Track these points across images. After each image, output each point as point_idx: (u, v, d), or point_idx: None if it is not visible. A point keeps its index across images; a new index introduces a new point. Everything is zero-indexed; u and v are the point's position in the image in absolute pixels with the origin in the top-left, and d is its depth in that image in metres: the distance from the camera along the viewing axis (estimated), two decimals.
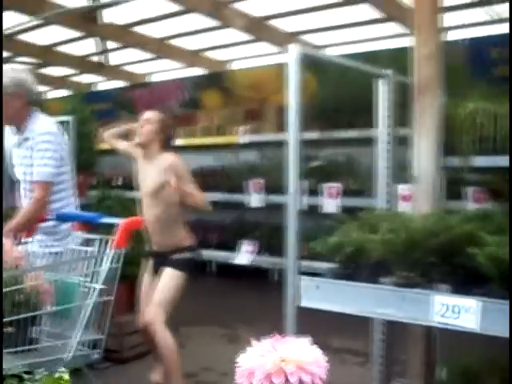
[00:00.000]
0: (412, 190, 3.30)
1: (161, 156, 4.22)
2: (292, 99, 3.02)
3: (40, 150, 3.62)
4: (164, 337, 4.02)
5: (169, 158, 4.19)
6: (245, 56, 11.32)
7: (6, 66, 3.82)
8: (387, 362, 3.68)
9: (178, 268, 4.15)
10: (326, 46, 9.92)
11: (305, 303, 2.85)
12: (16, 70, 3.75)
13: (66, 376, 1.13)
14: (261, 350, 0.81)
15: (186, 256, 4.22)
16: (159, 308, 4.07)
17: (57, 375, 1.16)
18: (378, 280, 2.64)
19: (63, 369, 1.21)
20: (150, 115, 4.31)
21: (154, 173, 4.16)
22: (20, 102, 3.68)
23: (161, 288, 4.15)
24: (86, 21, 9.78)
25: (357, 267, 2.75)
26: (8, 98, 3.65)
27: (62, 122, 4.00)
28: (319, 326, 4.00)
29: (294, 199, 3.01)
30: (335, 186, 6.53)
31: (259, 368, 0.81)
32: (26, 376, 1.29)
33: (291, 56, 3.00)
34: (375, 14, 8.17)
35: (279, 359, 0.79)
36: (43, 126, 3.71)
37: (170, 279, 4.15)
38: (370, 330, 3.70)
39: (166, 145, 4.31)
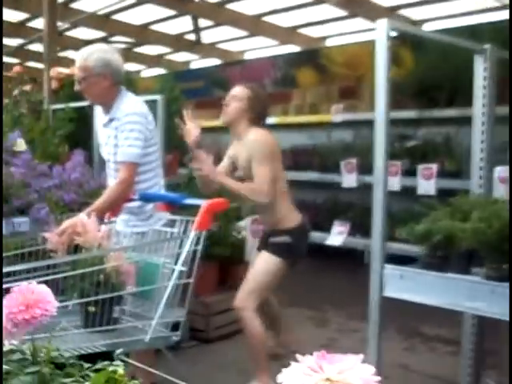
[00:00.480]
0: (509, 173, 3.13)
1: (250, 132, 4.02)
2: (380, 76, 2.90)
3: (125, 130, 3.61)
4: (252, 325, 3.91)
5: (252, 135, 3.99)
6: (340, 32, 11.16)
7: (92, 46, 3.82)
8: (478, 355, 3.53)
9: (274, 253, 3.99)
10: (424, 21, 9.64)
11: (388, 293, 2.74)
12: (102, 50, 3.74)
13: (121, 370, 1.08)
14: (305, 369, 0.73)
15: (286, 240, 4.01)
16: (250, 294, 3.94)
17: (111, 368, 1.11)
18: (466, 271, 2.50)
19: (119, 362, 1.15)
20: (236, 91, 4.14)
21: (244, 151, 4.02)
22: (106, 82, 3.69)
23: (254, 273, 4.04)
24: None
25: (444, 257, 2.61)
26: (94, 78, 3.66)
27: (150, 101, 3.97)
28: (408, 311, 3.90)
29: (381, 181, 2.91)
30: (431, 167, 6.34)
31: None
32: (86, 365, 1.24)
33: (380, 31, 2.88)
34: None
35: (325, 380, 0.71)
36: (130, 106, 3.70)
37: (264, 264, 4.01)
38: (460, 319, 3.56)
39: (256, 122, 4.09)
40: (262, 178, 3.86)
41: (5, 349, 1.32)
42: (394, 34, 2.94)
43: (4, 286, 2.49)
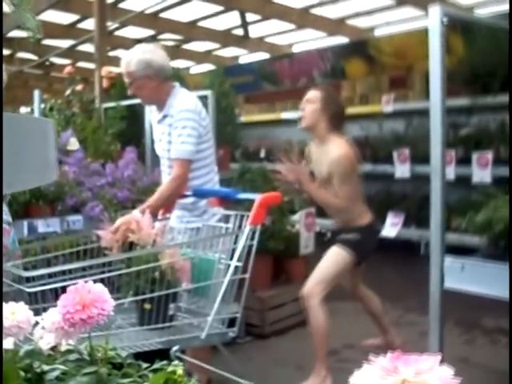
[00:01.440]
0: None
1: (331, 141, 4.04)
2: (435, 63, 2.83)
3: (178, 127, 3.60)
4: (316, 315, 3.95)
5: (337, 148, 4.00)
6: (388, 22, 11.03)
7: (133, 50, 3.80)
8: None
9: (344, 248, 4.06)
10: (473, 7, 9.47)
11: (449, 284, 2.67)
12: (142, 51, 3.72)
13: (180, 370, 1.06)
14: (380, 371, 0.68)
15: (356, 237, 4.08)
16: (318, 284, 4.00)
17: (170, 369, 1.08)
18: None
19: (177, 362, 1.13)
20: (310, 95, 4.14)
21: (325, 161, 4.05)
22: (152, 82, 3.68)
23: (323, 264, 4.08)
24: None
25: (506, 247, 2.53)
26: (139, 81, 3.67)
27: (201, 97, 3.96)
28: (467, 303, 3.81)
29: (438, 171, 2.84)
30: (486, 155, 6.21)
31: None
32: (144, 365, 1.22)
33: (433, 18, 2.81)
34: None
35: (401, 382, 0.66)
36: (182, 102, 3.68)
37: (334, 256, 4.08)
38: None
39: (336, 126, 4.10)
40: (346, 197, 4.01)
41: (62, 349, 1.31)
42: (446, 20, 2.86)
43: (60, 284, 2.50)
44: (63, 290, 1.29)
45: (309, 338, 4.01)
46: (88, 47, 11.82)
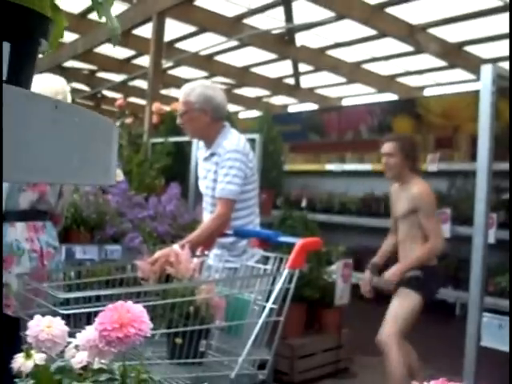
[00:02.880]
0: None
1: (412, 181, 4.25)
2: (484, 124, 2.82)
3: (225, 166, 3.61)
4: (395, 360, 3.99)
5: (418, 186, 4.21)
6: (438, 82, 11.06)
7: (197, 82, 3.87)
8: None
9: (411, 287, 4.11)
10: None
11: (486, 343, 2.62)
12: (205, 86, 3.77)
13: None
14: None
15: (417, 274, 4.15)
16: (393, 328, 4.04)
17: None
18: None
19: None
20: (388, 149, 4.33)
21: (404, 199, 4.26)
22: (206, 118, 3.70)
23: (394, 307, 4.14)
24: (282, 43, 9.96)
25: None
26: (195, 113, 3.69)
27: (248, 140, 3.99)
28: (503, 364, 3.73)
29: (481, 233, 2.81)
30: None
31: None
32: None
33: (485, 77, 2.81)
34: None
35: None
36: (232, 142, 3.70)
37: (403, 298, 4.13)
38: None
39: (415, 167, 4.33)
40: (435, 231, 4.18)
41: (95, 366, 1.31)
42: (494, 80, 2.85)
43: (94, 309, 2.50)
44: (96, 315, 1.29)
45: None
46: (140, 83, 12.04)
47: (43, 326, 1.32)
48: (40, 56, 0.72)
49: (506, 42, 8.54)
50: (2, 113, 0.50)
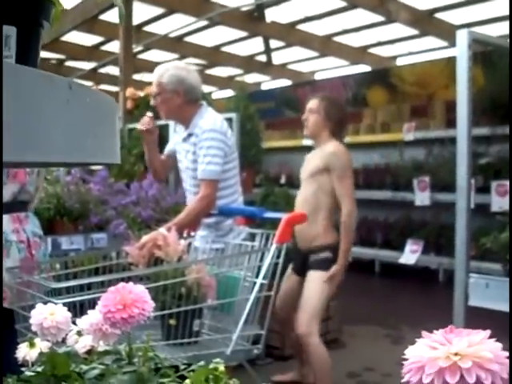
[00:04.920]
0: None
1: (329, 143, 4.02)
2: (462, 89, 2.85)
3: (203, 147, 3.61)
4: (317, 351, 3.83)
5: (333, 146, 3.98)
6: (411, 51, 11.10)
7: (170, 63, 3.87)
8: None
9: (323, 269, 3.88)
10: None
11: (474, 302, 2.68)
12: (178, 67, 3.77)
13: (222, 367, 1.08)
14: (432, 343, 0.70)
15: (329, 256, 3.90)
16: (312, 319, 3.84)
17: (212, 366, 1.10)
18: None
19: (218, 359, 1.15)
20: (311, 104, 4.14)
21: (317, 158, 4.04)
22: (178, 99, 3.70)
23: (309, 295, 3.90)
24: (252, 20, 9.93)
25: None
26: (167, 94, 3.69)
27: (226, 119, 3.98)
28: (491, 326, 3.80)
29: (464, 197, 2.85)
30: (505, 184, 6.21)
31: (430, 362, 0.70)
32: (182, 366, 1.24)
33: (461, 42, 2.84)
34: None
35: (453, 354, 0.68)
36: (208, 122, 3.70)
37: (316, 284, 3.89)
38: None
39: (337, 133, 4.11)
40: (349, 195, 3.89)
41: (100, 349, 1.34)
42: (470, 45, 2.88)
43: (89, 296, 2.53)
44: (91, 303, 1.32)
45: (332, 359, 3.91)
46: (110, 69, 11.96)
47: (47, 314, 1.34)
48: None
49: (477, 7, 8.59)
50: (2, 95, 0.52)
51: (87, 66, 12.49)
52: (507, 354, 0.70)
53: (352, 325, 5.69)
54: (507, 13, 8.69)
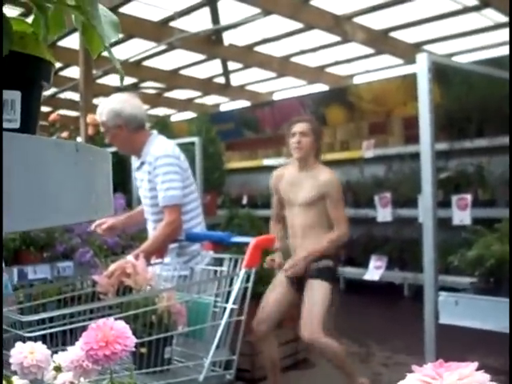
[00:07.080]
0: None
1: (317, 167, 4.17)
2: (424, 109, 2.92)
3: (159, 174, 3.61)
4: (330, 347, 3.93)
5: (326, 173, 4.12)
6: (367, 70, 11.25)
7: (107, 99, 3.83)
8: None
9: (323, 278, 4.02)
10: (450, 55, 9.72)
11: (444, 320, 2.73)
12: (114, 101, 3.73)
13: None
14: (423, 377, 0.73)
15: (328, 264, 4.06)
16: (318, 325, 3.93)
17: None
18: None
19: None
20: (303, 127, 4.18)
21: (310, 185, 4.12)
22: (123, 131, 3.68)
23: (313, 303, 4.00)
24: (210, 43, 9.99)
25: (498, 281, 2.60)
26: (112, 130, 3.68)
27: (188, 144, 3.99)
28: (461, 341, 3.85)
29: (430, 215, 2.91)
30: (465, 197, 6.31)
31: None
32: None
33: (421, 65, 2.91)
34: (500, 17, 7.98)
35: None
36: (159, 149, 3.68)
37: (317, 290, 4.02)
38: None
39: (319, 153, 4.25)
40: (342, 219, 4.10)
41: None
42: (430, 68, 2.96)
43: (60, 328, 2.51)
44: (63, 334, 1.32)
45: (302, 378, 3.96)
46: (69, 94, 11.89)
47: (26, 353, 1.34)
48: None
49: (430, 25, 8.76)
50: (1, 115, 0.53)
51: (48, 92, 12.40)
52: None
53: None
54: (457, 31, 8.93)
